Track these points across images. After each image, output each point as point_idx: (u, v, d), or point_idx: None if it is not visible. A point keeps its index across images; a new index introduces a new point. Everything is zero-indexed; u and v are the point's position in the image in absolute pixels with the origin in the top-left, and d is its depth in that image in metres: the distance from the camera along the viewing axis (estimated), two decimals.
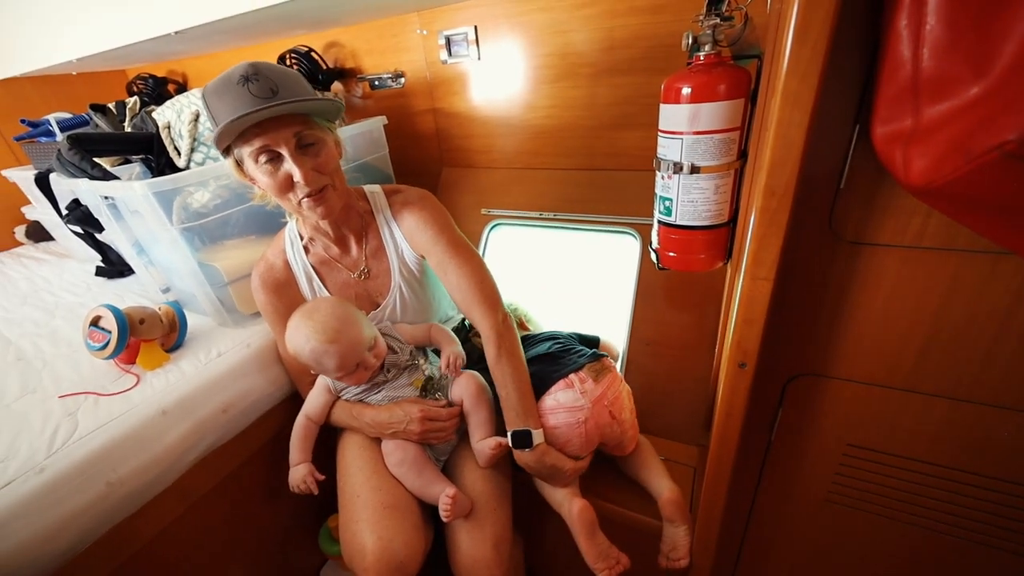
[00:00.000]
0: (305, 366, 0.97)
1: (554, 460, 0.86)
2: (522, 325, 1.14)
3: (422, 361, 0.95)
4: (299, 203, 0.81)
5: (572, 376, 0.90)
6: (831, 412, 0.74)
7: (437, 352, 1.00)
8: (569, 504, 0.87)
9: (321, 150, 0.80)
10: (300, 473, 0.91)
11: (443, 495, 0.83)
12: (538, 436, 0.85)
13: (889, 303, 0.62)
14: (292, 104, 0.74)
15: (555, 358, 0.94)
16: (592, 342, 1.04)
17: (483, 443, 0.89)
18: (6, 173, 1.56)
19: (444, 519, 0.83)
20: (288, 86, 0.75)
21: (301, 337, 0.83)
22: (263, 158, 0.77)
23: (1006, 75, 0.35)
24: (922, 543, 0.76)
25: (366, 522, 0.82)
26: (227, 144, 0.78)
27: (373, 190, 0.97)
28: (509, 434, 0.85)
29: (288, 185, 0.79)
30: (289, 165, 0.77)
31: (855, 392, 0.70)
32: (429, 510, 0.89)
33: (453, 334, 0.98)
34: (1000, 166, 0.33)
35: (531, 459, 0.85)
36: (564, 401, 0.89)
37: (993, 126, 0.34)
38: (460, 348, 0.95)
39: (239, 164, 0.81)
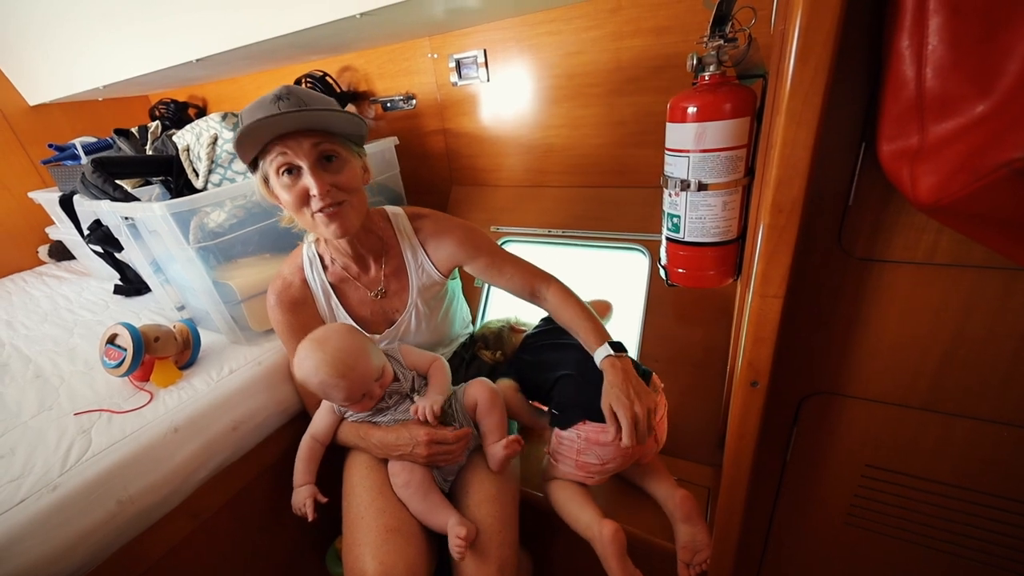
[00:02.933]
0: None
1: (639, 380, 0.86)
2: (516, 329, 1.14)
3: (422, 389, 0.94)
4: (313, 216, 0.81)
5: None
6: (847, 432, 0.72)
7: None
8: (599, 527, 0.84)
9: (343, 167, 0.81)
10: (301, 496, 0.90)
11: (454, 535, 0.80)
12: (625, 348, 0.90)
13: (903, 320, 0.61)
14: (312, 112, 0.75)
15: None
16: (617, 346, 0.97)
17: (496, 446, 0.88)
18: (32, 195, 1.62)
19: (455, 557, 0.80)
20: (315, 103, 0.78)
21: (310, 367, 0.83)
22: (284, 171, 0.78)
23: (1011, 93, 0.35)
24: (947, 569, 0.73)
25: (368, 546, 0.81)
26: (252, 156, 0.79)
27: (396, 212, 0.99)
28: (606, 344, 0.88)
29: (304, 199, 0.79)
30: (307, 178, 0.77)
31: (872, 411, 0.69)
32: (434, 534, 0.88)
33: (448, 381, 0.95)
34: (1009, 183, 0.33)
35: (628, 363, 0.87)
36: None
37: (1000, 144, 0.34)
38: (441, 400, 0.90)
39: (266, 182, 0.82)
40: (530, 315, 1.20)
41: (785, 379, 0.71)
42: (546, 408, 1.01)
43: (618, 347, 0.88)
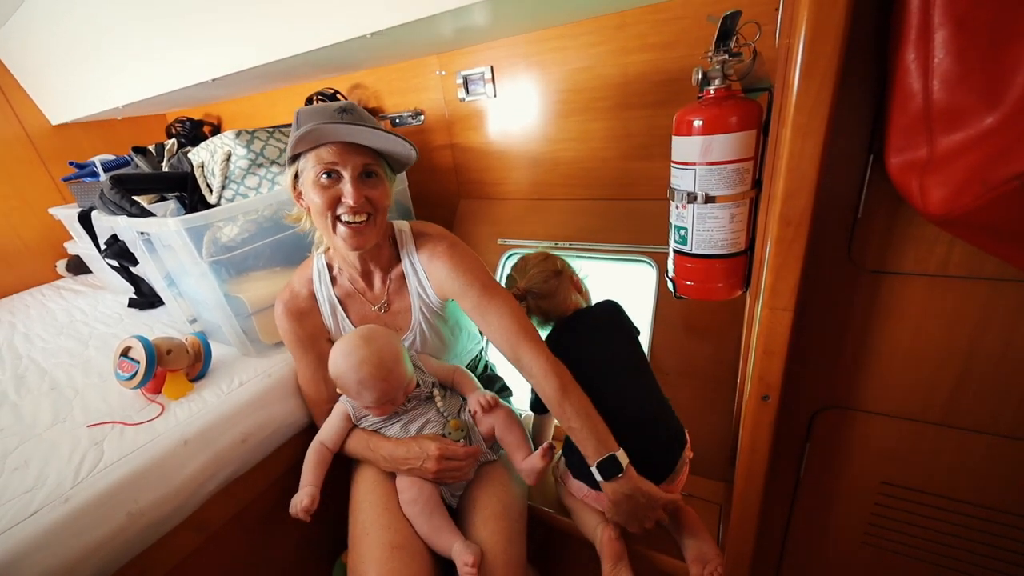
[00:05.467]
0: (326, 395, 0.98)
1: (647, 486, 0.80)
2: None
3: (438, 394, 0.94)
4: (335, 224, 0.83)
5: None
6: (862, 447, 0.71)
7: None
8: (601, 531, 0.87)
9: (379, 185, 0.85)
10: (298, 496, 0.88)
11: (462, 562, 0.79)
12: (624, 457, 0.80)
13: (918, 333, 0.60)
14: (377, 131, 0.79)
15: (650, 454, 0.85)
16: (612, 466, 0.83)
17: (530, 459, 0.88)
18: (52, 211, 1.67)
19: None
20: (374, 123, 0.82)
21: (353, 362, 0.83)
22: (325, 174, 0.81)
23: (1019, 105, 0.35)
24: None
25: (373, 562, 0.80)
26: (301, 151, 0.82)
27: (401, 227, 0.99)
28: (594, 467, 0.79)
29: (333, 204, 0.82)
30: (346, 186, 0.81)
31: (887, 426, 0.67)
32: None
33: (477, 380, 0.99)
34: (1019, 195, 0.33)
35: (625, 487, 0.79)
36: None
37: (1010, 156, 0.34)
38: (487, 393, 0.95)
39: (296, 176, 0.85)
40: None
41: (797, 393, 0.70)
42: None
43: (614, 467, 0.79)
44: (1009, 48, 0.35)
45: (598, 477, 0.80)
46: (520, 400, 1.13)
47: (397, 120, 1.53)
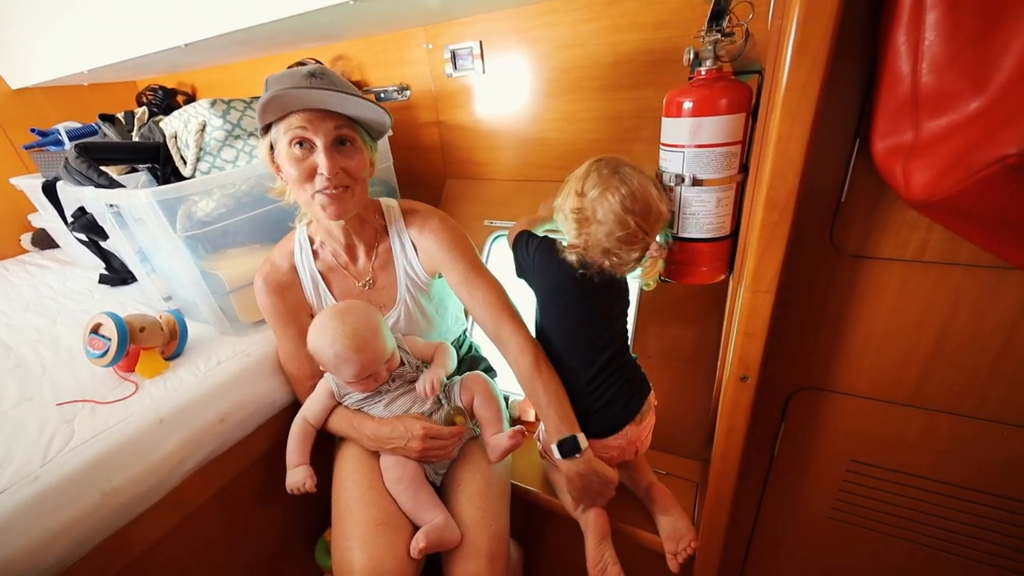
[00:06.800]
0: (309, 371, 0.97)
1: (602, 468, 0.83)
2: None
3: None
4: (314, 195, 0.81)
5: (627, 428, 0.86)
6: (834, 427, 0.73)
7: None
8: (587, 510, 0.88)
9: (355, 154, 0.82)
10: (299, 475, 0.90)
11: (415, 541, 0.79)
12: (583, 440, 0.82)
13: (892, 317, 0.62)
14: (345, 96, 0.75)
15: (615, 400, 0.87)
16: (572, 445, 0.85)
17: (498, 437, 0.89)
18: (14, 181, 1.58)
19: (412, 555, 0.80)
20: (346, 87, 0.78)
21: (328, 338, 0.83)
22: (296, 142, 0.78)
23: (1005, 89, 0.35)
24: (927, 563, 0.75)
25: (357, 539, 0.80)
26: (270, 121, 0.79)
27: (389, 204, 0.98)
28: (554, 445, 0.82)
29: (309, 175, 0.79)
30: (320, 156, 0.77)
31: (858, 407, 0.70)
32: None
33: (453, 360, 0.96)
34: (1001, 179, 0.33)
35: (581, 466, 0.81)
36: (604, 441, 0.87)
37: (993, 140, 0.34)
38: (444, 376, 0.91)
39: (272, 148, 0.82)
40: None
41: (775, 374, 0.72)
42: None
43: (573, 447, 0.81)
44: (998, 30, 0.35)
45: (556, 455, 0.82)
46: (504, 382, 1.13)
47: (382, 95, 1.48)
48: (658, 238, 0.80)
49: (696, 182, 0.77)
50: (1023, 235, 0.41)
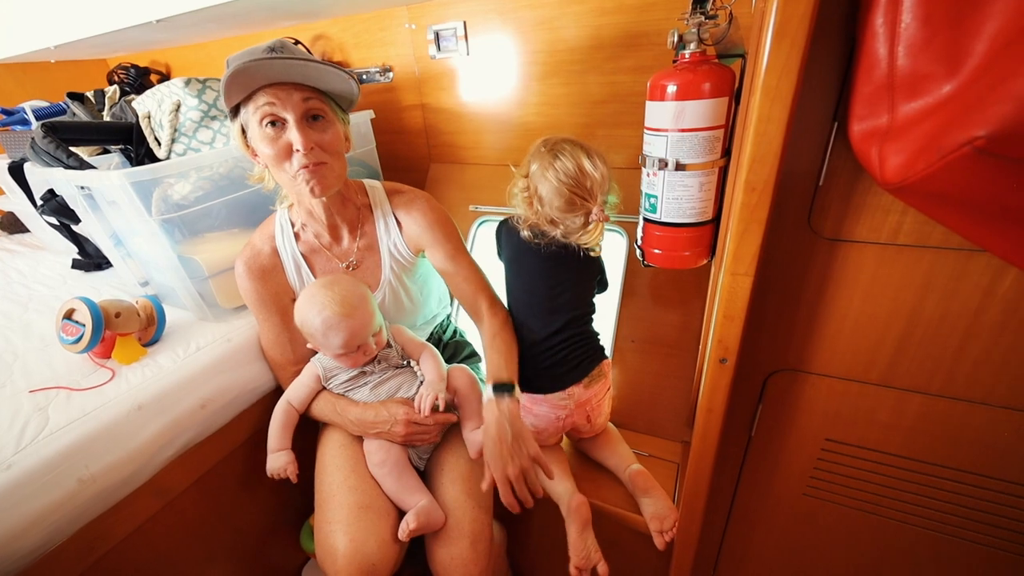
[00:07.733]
0: (292, 357, 0.96)
1: (523, 428, 0.82)
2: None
3: (413, 366, 0.94)
4: (295, 174, 0.78)
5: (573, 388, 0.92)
6: (809, 407, 0.75)
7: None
8: (569, 498, 0.90)
9: (328, 128, 0.80)
10: (281, 460, 0.89)
11: (405, 523, 0.80)
12: (518, 392, 0.85)
13: (866, 299, 0.64)
14: (308, 64, 0.73)
15: (565, 361, 0.93)
16: (505, 387, 0.88)
17: (475, 433, 0.89)
18: None
19: (400, 537, 0.81)
20: (309, 58, 0.76)
21: (316, 305, 0.82)
22: (267, 122, 0.75)
23: (978, 72, 0.35)
24: (896, 536, 0.78)
25: (340, 523, 0.81)
26: (237, 102, 0.77)
27: (373, 185, 0.97)
28: (491, 384, 0.85)
29: (287, 153, 0.77)
30: (292, 133, 0.75)
31: (833, 387, 0.72)
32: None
33: (443, 371, 0.93)
34: (970, 161, 0.34)
35: (505, 408, 0.81)
36: (550, 398, 0.92)
37: (964, 122, 0.35)
38: (444, 394, 0.89)
39: (244, 131, 0.80)
40: None
41: (753, 356, 0.73)
42: None
43: (505, 388, 0.84)
44: (973, 14, 0.35)
45: (489, 393, 0.84)
46: None
47: (364, 76, 1.44)
48: (610, 198, 0.88)
49: (680, 166, 0.77)
50: (992, 217, 0.42)
